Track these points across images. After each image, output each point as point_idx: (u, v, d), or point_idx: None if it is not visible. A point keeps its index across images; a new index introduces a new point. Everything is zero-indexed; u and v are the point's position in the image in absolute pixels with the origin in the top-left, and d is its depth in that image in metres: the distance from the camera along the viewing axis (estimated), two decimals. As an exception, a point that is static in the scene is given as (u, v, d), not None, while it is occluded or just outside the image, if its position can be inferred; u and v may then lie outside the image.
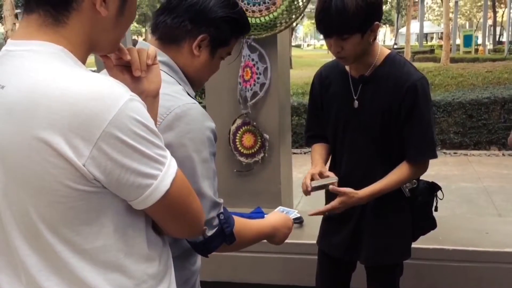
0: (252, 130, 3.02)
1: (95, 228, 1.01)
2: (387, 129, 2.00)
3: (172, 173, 1.03)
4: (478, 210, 5.31)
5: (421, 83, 1.96)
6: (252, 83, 2.96)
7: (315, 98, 2.22)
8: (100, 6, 1.02)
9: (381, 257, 2.15)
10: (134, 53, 1.16)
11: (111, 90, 0.96)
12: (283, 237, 1.69)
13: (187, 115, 1.31)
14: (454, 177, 6.64)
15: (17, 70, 0.98)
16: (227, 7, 1.44)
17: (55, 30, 1.01)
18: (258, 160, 3.05)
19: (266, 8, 2.83)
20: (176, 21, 1.42)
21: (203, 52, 1.44)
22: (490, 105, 8.15)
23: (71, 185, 0.95)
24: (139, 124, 0.96)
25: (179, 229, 1.16)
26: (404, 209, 2.12)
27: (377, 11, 1.89)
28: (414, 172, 2.03)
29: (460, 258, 2.63)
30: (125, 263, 1.06)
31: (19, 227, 1.02)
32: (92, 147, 0.92)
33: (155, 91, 1.19)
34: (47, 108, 0.92)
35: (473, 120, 8.21)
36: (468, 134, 8.26)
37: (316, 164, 2.12)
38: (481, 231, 2.86)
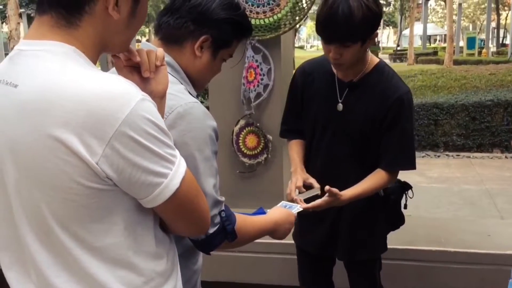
0: (255, 131, 3.03)
1: (106, 226, 1.03)
2: (367, 135, 2.04)
3: (181, 172, 1.05)
4: (480, 213, 5.30)
5: (408, 97, 2.01)
6: (256, 84, 2.97)
7: (295, 92, 2.22)
8: (112, 10, 1.04)
9: (356, 252, 2.21)
10: (144, 54, 1.18)
11: (124, 90, 0.98)
12: (285, 232, 1.69)
13: (189, 113, 1.33)
14: (456, 179, 6.64)
15: (31, 69, 1.00)
16: (230, 9, 1.46)
17: (67, 32, 1.03)
18: (261, 161, 3.06)
19: (270, 9, 2.84)
20: (178, 22, 1.43)
21: (205, 53, 1.46)
22: (493, 108, 8.14)
23: (84, 182, 0.97)
24: (151, 123, 0.98)
25: (186, 228, 1.19)
26: (378, 207, 2.18)
27: (379, 19, 1.91)
28: (388, 180, 2.08)
29: (462, 260, 2.64)
30: (134, 260, 1.08)
31: (30, 223, 1.04)
32: (105, 145, 0.95)
33: (162, 91, 1.21)
34: (61, 107, 0.94)
35: (476, 123, 8.20)
36: (471, 137, 8.26)
37: (296, 167, 2.13)
38: (483, 233, 2.86)
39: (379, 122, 2.00)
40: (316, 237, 2.23)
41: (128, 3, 1.07)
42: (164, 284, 1.14)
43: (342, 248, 2.21)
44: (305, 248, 2.32)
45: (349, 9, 1.79)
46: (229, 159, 3.08)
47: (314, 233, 2.23)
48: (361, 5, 1.80)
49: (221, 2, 1.45)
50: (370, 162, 2.07)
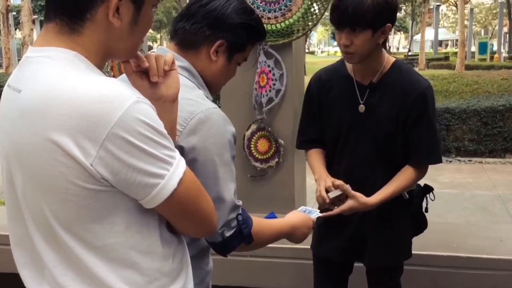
0: (267, 135, 3.04)
1: (106, 226, 1.05)
2: (392, 134, 2.04)
3: (179, 173, 1.06)
4: (492, 218, 5.27)
5: (429, 91, 2.03)
6: (268, 89, 2.98)
7: (312, 101, 2.23)
8: (112, 17, 1.06)
9: (385, 258, 2.18)
10: (152, 59, 1.20)
11: (117, 92, 1.00)
12: (303, 236, 1.72)
13: (209, 119, 1.35)
14: (468, 185, 6.59)
15: (33, 75, 1.04)
16: (244, 14, 1.49)
17: (71, 38, 1.06)
18: (272, 165, 3.07)
19: (282, 14, 2.85)
20: (194, 27, 1.46)
21: (220, 57, 1.49)
22: (505, 113, 8.08)
23: (80, 184, 1.00)
24: (145, 125, 1.00)
25: (189, 228, 1.20)
26: (404, 211, 2.17)
27: (392, 12, 1.92)
28: (417, 176, 2.07)
29: (475, 265, 2.63)
30: (138, 260, 1.10)
31: (36, 224, 1.08)
32: (99, 147, 0.97)
33: (173, 96, 1.23)
34: (57, 110, 0.97)
35: (488, 128, 8.14)
36: (483, 142, 8.19)
37: (321, 173, 2.12)
38: (496, 239, 2.85)
39: (402, 120, 2.01)
40: (339, 243, 2.20)
41: (129, 11, 1.09)
42: (171, 284, 1.15)
43: (369, 254, 2.17)
44: (325, 256, 2.29)
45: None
46: (240, 163, 3.08)
47: (336, 240, 2.21)
48: None
49: (236, 7, 1.48)
50: (397, 162, 2.07)
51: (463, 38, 22.85)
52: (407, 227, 2.21)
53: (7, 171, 1.11)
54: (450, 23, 60.10)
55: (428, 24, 38.24)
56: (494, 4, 48.82)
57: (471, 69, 20.78)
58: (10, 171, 1.09)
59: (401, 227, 2.18)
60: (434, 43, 38.83)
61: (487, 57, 29.13)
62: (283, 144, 3.03)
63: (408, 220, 2.20)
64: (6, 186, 1.14)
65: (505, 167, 7.67)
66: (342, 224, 2.13)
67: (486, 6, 52.63)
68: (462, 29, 23.23)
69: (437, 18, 38.11)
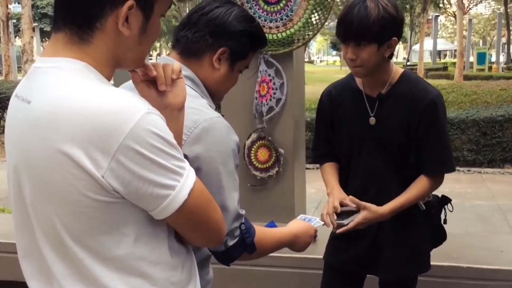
0: (267, 144, 3.04)
1: (116, 238, 1.05)
2: (404, 144, 2.03)
3: (190, 183, 1.06)
4: (492, 228, 5.27)
5: (439, 99, 2.01)
6: (268, 98, 2.98)
7: (324, 116, 2.23)
8: (122, 26, 1.06)
9: (401, 270, 2.15)
10: (160, 68, 1.20)
11: (128, 104, 1.00)
12: (304, 245, 1.71)
13: (213, 128, 1.36)
14: (467, 195, 6.60)
15: (42, 86, 1.04)
16: (246, 21, 1.50)
17: (80, 48, 1.06)
18: (272, 174, 3.07)
19: (283, 24, 2.87)
20: (197, 36, 1.47)
21: (223, 65, 1.49)
22: (504, 123, 8.11)
23: (91, 195, 0.99)
24: (156, 136, 1.00)
25: (199, 238, 1.20)
26: (420, 222, 2.14)
27: (398, 26, 1.92)
28: (432, 186, 2.05)
29: (475, 276, 2.61)
30: (148, 271, 1.09)
31: (45, 235, 1.07)
32: (110, 159, 0.97)
33: (180, 104, 1.23)
34: (68, 122, 0.97)
35: (487, 138, 8.16)
36: (482, 152, 8.21)
37: (333, 188, 2.11)
38: (496, 249, 2.84)
39: (414, 129, 2.00)
40: (355, 254, 2.17)
41: (138, 20, 1.09)
42: None
43: (384, 265, 2.14)
44: (338, 267, 2.26)
45: (365, 9, 1.84)
46: (240, 172, 3.04)
47: (352, 250, 2.18)
48: (378, 6, 1.84)
49: (237, 14, 1.49)
50: (411, 173, 2.05)
51: (461, 49, 22.95)
52: (425, 239, 2.17)
53: (15, 181, 1.11)
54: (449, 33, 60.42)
55: (426, 34, 38.35)
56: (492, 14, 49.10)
57: (470, 79, 20.82)
58: (19, 182, 1.09)
59: (418, 239, 2.14)
60: (432, 53, 38.99)
61: (485, 67, 29.23)
62: (283, 154, 3.03)
63: (426, 231, 2.17)
64: (14, 196, 1.13)
65: (504, 177, 7.68)
66: (358, 235, 2.10)
67: (484, 16, 52.92)
68: (461, 39, 23.35)
69: (436, 29, 38.29)
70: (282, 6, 2.87)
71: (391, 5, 1.87)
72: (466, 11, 32.80)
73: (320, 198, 6.27)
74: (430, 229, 2.18)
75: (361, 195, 2.03)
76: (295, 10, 2.86)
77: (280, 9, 2.88)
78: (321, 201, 6.14)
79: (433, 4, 32.77)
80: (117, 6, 1.04)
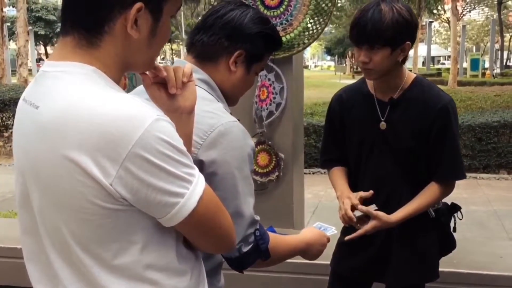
0: (267, 149, 3.03)
1: (124, 245, 1.04)
2: (414, 150, 2.01)
3: (199, 191, 1.05)
4: (489, 234, 5.28)
5: (452, 105, 1.99)
6: (268, 102, 2.98)
7: (333, 120, 2.21)
8: (131, 29, 1.05)
9: (409, 277, 2.13)
10: (170, 71, 1.19)
11: (137, 110, 0.98)
12: (317, 253, 1.70)
13: (230, 132, 1.34)
14: (463, 200, 6.54)
15: (51, 91, 1.02)
16: (261, 23, 1.49)
17: (89, 52, 1.05)
18: (272, 179, 3.06)
19: (283, 29, 2.86)
20: (213, 39, 1.46)
21: (239, 68, 1.48)
22: (499, 129, 8.14)
23: (99, 203, 0.98)
24: (166, 143, 0.98)
25: (209, 245, 1.19)
26: (429, 229, 2.12)
27: (412, 30, 1.91)
28: (443, 193, 2.03)
29: (475, 282, 2.61)
30: (155, 277, 1.08)
31: (52, 241, 1.06)
32: (118, 167, 0.95)
33: (190, 107, 1.22)
34: (76, 128, 0.95)
35: (482, 144, 8.19)
36: (477, 157, 8.24)
37: (343, 191, 2.09)
38: (495, 255, 2.84)
39: (425, 135, 1.98)
40: (362, 261, 2.15)
41: (148, 22, 1.07)
42: None
43: (392, 273, 2.11)
44: (345, 274, 2.24)
45: (379, 12, 1.83)
46: (240, 177, 3.07)
47: (359, 257, 2.16)
48: (392, 10, 1.83)
49: (253, 16, 1.48)
50: (421, 179, 2.03)
51: (455, 55, 23.04)
52: (433, 247, 2.14)
53: (22, 185, 1.09)
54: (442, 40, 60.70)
55: (420, 40, 38.52)
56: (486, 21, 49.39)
57: (464, 85, 20.95)
58: (26, 186, 1.07)
59: (427, 246, 2.13)
60: (426, 59, 39.15)
61: (479, 73, 29.37)
62: (283, 158, 3.02)
63: (434, 239, 2.14)
64: (21, 201, 1.12)
65: (499, 183, 7.71)
66: (365, 243, 2.09)
67: (478, 23, 53.22)
68: (455, 45, 23.44)
69: (430, 34, 38.47)
70: (282, 10, 2.87)
71: (405, 9, 1.86)
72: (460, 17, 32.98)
73: (316, 203, 6.27)
74: (439, 237, 2.15)
75: (370, 200, 2.02)
76: (295, 15, 2.85)
77: (280, 13, 2.87)
78: (318, 206, 6.14)
79: (427, 11, 32.95)
80: (126, 9, 1.03)
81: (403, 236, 2.08)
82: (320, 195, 6.81)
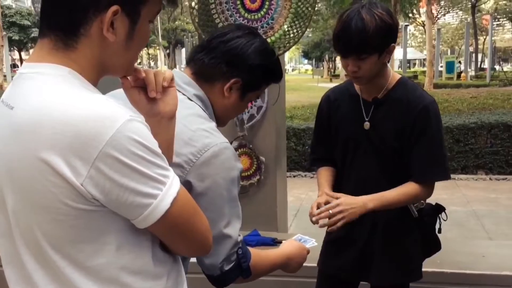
0: (248, 152, 3.03)
1: (97, 246, 1.03)
2: (398, 150, 2.02)
3: (173, 192, 1.04)
4: (468, 234, 5.34)
5: (433, 106, 2.00)
6: (249, 105, 2.97)
7: (322, 120, 2.23)
8: (107, 32, 1.04)
9: (392, 276, 2.14)
10: (150, 74, 1.17)
11: (110, 111, 0.97)
12: (297, 266, 1.72)
13: (223, 154, 1.35)
14: (443, 201, 6.52)
15: (26, 92, 1.01)
16: (265, 55, 1.49)
17: (65, 54, 1.04)
18: (254, 182, 3.06)
19: (264, 32, 2.86)
20: (213, 62, 1.46)
21: (233, 94, 1.48)
22: (477, 130, 8.24)
23: (70, 203, 0.97)
24: (138, 144, 0.97)
25: (183, 248, 1.18)
26: (413, 229, 2.13)
27: (394, 32, 1.92)
28: (420, 192, 2.02)
29: (459, 281, 2.64)
30: (128, 280, 1.07)
31: (26, 243, 1.05)
32: (89, 167, 0.94)
33: (170, 113, 1.20)
34: (49, 129, 0.94)
35: (460, 145, 8.28)
36: (455, 159, 8.32)
37: (323, 190, 2.10)
38: (477, 254, 2.87)
39: (407, 135, 1.99)
40: (346, 261, 2.16)
41: (124, 25, 1.06)
42: None
43: (376, 271, 2.12)
44: (332, 273, 2.25)
45: (362, 21, 1.82)
46: (222, 181, 3.05)
47: (343, 256, 2.17)
48: (374, 17, 1.83)
49: (257, 47, 1.47)
50: (405, 181, 2.03)
51: (431, 57, 23.34)
52: (416, 247, 2.15)
53: None
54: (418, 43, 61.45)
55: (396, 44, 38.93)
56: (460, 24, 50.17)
57: (440, 88, 21.18)
58: (1, 188, 1.06)
59: (410, 247, 2.13)
60: (403, 62, 39.58)
61: (454, 76, 29.79)
62: (265, 161, 3.02)
63: (418, 239, 2.15)
64: None
65: (477, 183, 7.80)
66: (350, 241, 2.10)
67: (452, 26, 54.01)
68: (431, 48, 23.74)
69: (405, 38, 38.89)
70: (262, 14, 2.87)
71: (385, 13, 1.86)
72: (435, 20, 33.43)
73: (298, 206, 6.28)
74: (423, 237, 2.16)
75: None
76: (276, 18, 2.86)
77: (260, 17, 2.87)
78: (299, 209, 6.14)
79: (402, 14, 33.34)
80: (101, 11, 1.02)
81: (387, 235, 2.09)
82: (302, 198, 6.82)
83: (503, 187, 7.55)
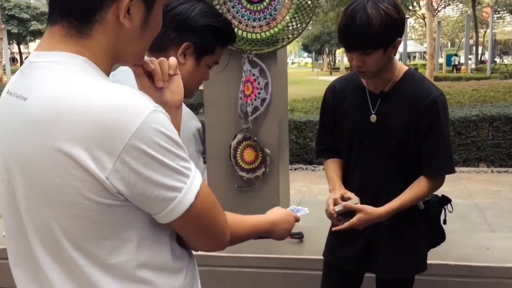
0: (253, 145, 3.01)
1: (119, 243, 0.99)
2: (404, 143, 2.00)
3: (196, 185, 1.01)
4: (471, 226, 5.33)
5: (441, 99, 1.98)
6: (253, 98, 2.95)
7: (327, 111, 2.20)
8: (123, 18, 1.00)
9: (397, 269, 2.13)
10: (156, 64, 1.15)
11: (134, 101, 0.94)
12: (284, 232, 1.58)
13: None
14: (445, 194, 6.63)
15: (40, 82, 0.97)
16: (210, 17, 1.54)
17: (79, 42, 1.00)
18: (259, 175, 3.03)
19: (267, 23, 2.84)
20: (161, 31, 1.44)
21: (188, 60, 1.53)
22: (478, 123, 8.21)
23: (94, 198, 0.93)
24: (163, 135, 0.94)
25: (204, 243, 1.14)
26: (418, 221, 2.12)
27: (401, 27, 1.89)
28: (431, 187, 2.02)
29: (463, 273, 2.63)
30: (150, 276, 1.04)
31: (41, 240, 1.01)
32: (115, 159, 0.91)
33: (178, 102, 1.19)
34: (70, 120, 0.90)
35: (462, 137, 8.25)
36: (457, 151, 8.29)
37: (334, 184, 2.09)
38: (482, 247, 2.86)
39: (414, 128, 1.97)
40: (351, 252, 2.16)
41: (140, 11, 1.02)
42: None
43: (381, 263, 2.12)
44: (337, 264, 2.24)
45: (367, 16, 1.79)
46: (227, 173, 3.04)
47: (348, 248, 2.16)
48: (379, 12, 1.80)
49: (201, 10, 1.53)
50: (411, 173, 2.02)
51: (431, 50, 23.31)
52: (422, 239, 2.15)
53: (7, 183, 1.03)
54: (418, 36, 61.35)
55: (398, 37, 38.80)
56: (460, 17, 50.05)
57: (440, 80, 21.15)
58: (12, 184, 1.02)
59: (415, 238, 2.12)
60: (403, 55, 39.53)
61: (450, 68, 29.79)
62: (269, 154, 3.00)
63: (423, 231, 2.14)
64: (6, 200, 1.06)
65: (479, 176, 7.78)
66: (354, 233, 2.08)
67: (453, 19, 53.89)
68: (431, 41, 23.72)
69: (405, 31, 38.80)
70: (265, 5, 2.84)
71: (392, 7, 1.82)
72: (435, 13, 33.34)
73: (299, 199, 6.27)
74: (428, 228, 2.16)
75: (360, 192, 2.02)
76: (279, 9, 2.83)
77: (263, 8, 2.85)
78: (301, 202, 6.13)
79: (403, 7, 33.20)
80: None
81: (392, 227, 2.08)
82: (303, 191, 6.82)
83: (505, 180, 7.53)
